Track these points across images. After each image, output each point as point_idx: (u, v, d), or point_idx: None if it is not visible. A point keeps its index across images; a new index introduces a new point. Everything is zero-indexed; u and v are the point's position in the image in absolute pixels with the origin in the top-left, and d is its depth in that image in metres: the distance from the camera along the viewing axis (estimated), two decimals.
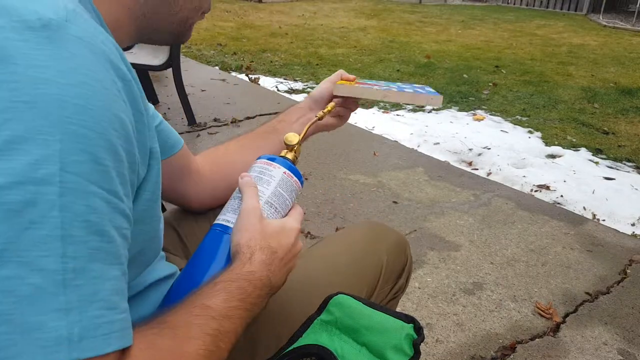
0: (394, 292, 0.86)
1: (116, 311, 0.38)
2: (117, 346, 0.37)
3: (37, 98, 0.34)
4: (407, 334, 0.62)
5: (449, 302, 1.61)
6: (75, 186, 0.35)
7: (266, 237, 0.58)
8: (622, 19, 8.60)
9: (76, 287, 0.35)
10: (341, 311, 0.65)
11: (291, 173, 0.67)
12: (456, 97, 4.04)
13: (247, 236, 0.58)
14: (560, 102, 3.98)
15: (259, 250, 0.57)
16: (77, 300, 0.35)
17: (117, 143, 0.39)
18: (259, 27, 6.92)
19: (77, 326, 0.34)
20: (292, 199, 0.67)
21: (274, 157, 0.67)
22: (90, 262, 0.36)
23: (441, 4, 10.40)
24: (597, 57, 5.67)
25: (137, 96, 0.44)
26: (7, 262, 0.32)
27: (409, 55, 5.47)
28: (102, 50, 0.39)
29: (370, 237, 0.87)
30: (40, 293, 0.33)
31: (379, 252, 0.84)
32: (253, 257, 0.56)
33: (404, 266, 0.88)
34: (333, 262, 0.80)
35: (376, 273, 0.81)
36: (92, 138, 0.36)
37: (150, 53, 3.01)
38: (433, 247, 1.91)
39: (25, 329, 0.33)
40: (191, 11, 0.56)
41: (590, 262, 1.86)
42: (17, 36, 0.35)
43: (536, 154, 3.00)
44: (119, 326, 0.37)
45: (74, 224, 0.35)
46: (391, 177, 2.50)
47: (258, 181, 0.64)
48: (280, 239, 0.60)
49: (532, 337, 1.48)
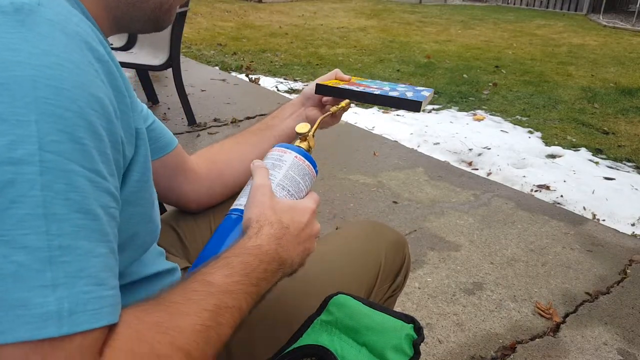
0: (392, 290, 0.87)
1: (105, 287, 0.38)
2: (107, 321, 0.37)
3: (10, 80, 0.35)
4: (407, 334, 0.62)
5: (449, 302, 1.61)
6: (55, 165, 0.35)
7: (277, 212, 0.57)
8: (622, 19, 8.60)
9: (63, 264, 0.35)
10: (341, 311, 0.65)
11: (303, 157, 0.66)
12: (456, 97, 4.04)
13: (257, 211, 0.57)
14: (560, 102, 3.98)
15: (268, 224, 0.55)
16: (64, 276, 0.35)
17: (97, 123, 0.39)
18: (259, 27, 6.92)
19: (66, 301, 0.35)
20: (307, 185, 0.67)
21: (286, 144, 0.68)
22: (76, 239, 0.36)
23: (441, 4, 10.40)
24: (597, 57, 5.67)
25: (117, 77, 0.44)
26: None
27: (409, 55, 5.47)
28: (77, 32, 0.40)
29: (369, 236, 0.87)
30: (24, 270, 0.33)
31: (377, 251, 0.84)
32: (261, 231, 0.54)
33: (402, 264, 0.88)
34: (331, 262, 0.80)
35: (374, 272, 0.82)
36: (69, 118, 0.37)
37: (150, 53, 3.01)
38: (433, 247, 1.91)
39: (9, 305, 0.33)
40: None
41: (590, 262, 1.86)
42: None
43: (536, 154, 3.00)
44: (108, 302, 0.38)
45: (56, 202, 0.35)
46: (391, 177, 2.50)
47: (270, 167, 0.64)
48: (292, 215, 0.58)
49: (532, 337, 1.48)
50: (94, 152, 0.38)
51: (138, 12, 0.53)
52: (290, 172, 0.65)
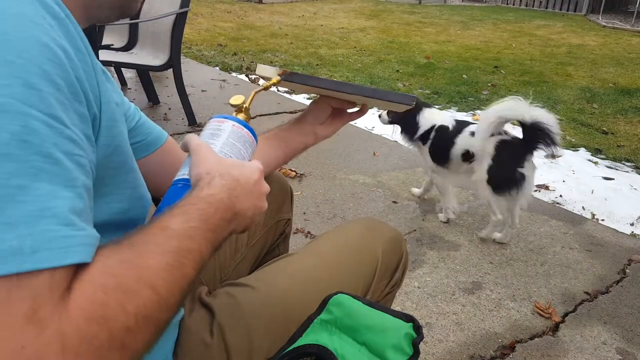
0: (391, 287, 0.87)
1: (74, 228, 0.38)
2: (75, 259, 0.38)
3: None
4: (407, 333, 0.63)
5: (449, 302, 1.61)
6: (8, 107, 0.36)
7: (225, 166, 0.57)
8: (621, 19, 8.61)
9: (22, 203, 0.35)
10: (341, 311, 0.65)
11: (241, 125, 0.66)
12: (455, 98, 4.05)
13: (205, 166, 0.57)
14: (560, 102, 3.99)
15: (219, 176, 0.55)
16: (24, 215, 0.35)
17: (52, 72, 0.40)
18: (259, 28, 6.93)
19: (29, 239, 0.35)
20: (249, 153, 0.66)
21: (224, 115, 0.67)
22: (35, 180, 0.37)
23: (441, 5, 10.41)
24: (596, 57, 5.67)
25: (75, 36, 0.45)
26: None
27: (408, 56, 5.47)
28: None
29: (366, 233, 0.87)
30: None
31: (374, 248, 0.84)
32: (213, 182, 0.54)
33: (399, 261, 0.88)
34: (329, 260, 0.81)
35: (372, 269, 0.82)
36: (21, 64, 0.38)
37: (150, 53, 3.02)
38: (432, 246, 1.92)
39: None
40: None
41: (589, 261, 1.86)
42: None
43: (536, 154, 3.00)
44: (77, 241, 0.38)
45: (12, 143, 0.36)
46: (391, 177, 2.50)
47: (209, 137, 0.64)
48: (241, 170, 0.58)
49: (531, 337, 1.48)
50: (51, 99, 0.39)
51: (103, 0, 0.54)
52: (230, 139, 0.64)
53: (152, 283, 0.42)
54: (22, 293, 0.34)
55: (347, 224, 0.92)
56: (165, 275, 0.43)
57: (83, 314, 0.37)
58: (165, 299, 0.42)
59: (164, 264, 0.44)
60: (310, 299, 0.69)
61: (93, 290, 0.38)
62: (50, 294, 0.35)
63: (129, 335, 0.39)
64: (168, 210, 0.50)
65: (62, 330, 0.35)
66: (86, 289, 0.38)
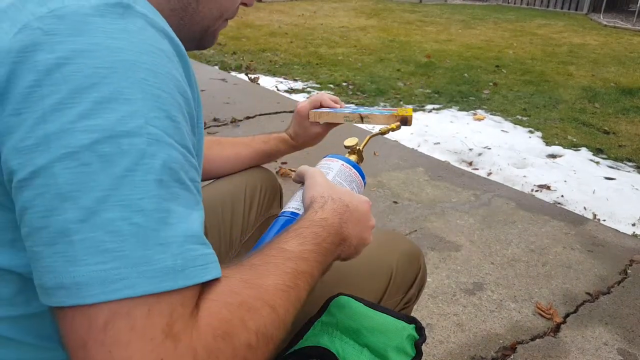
0: (405, 303, 0.84)
1: (207, 246, 0.42)
2: (212, 275, 0.41)
3: (116, 64, 0.39)
4: (409, 335, 0.62)
5: (449, 303, 1.61)
6: (158, 138, 0.39)
7: (337, 192, 0.62)
8: (623, 19, 8.60)
9: (172, 225, 0.39)
10: (342, 313, 0.65)
11: (350, 165, 0.70)
12: (456, 97, 4.04)
13: (319, 189, 0.61)
14: (561, 101, 3.98)
15: (331, 200, 0.59)
16: (174, 235, 0.39)
17: (183, 106, 0.44)
18: (259, 27, 6.92)
19: (179, 258, 0.38)
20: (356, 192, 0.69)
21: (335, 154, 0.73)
22: (177, 205, 0.40)
23: (441, 4, 10.40)
24: (598, 56, 5.66)
25: (190, 70, 0.48)
26: (111, 206, 0.37)
27: (409, 55, 5.46)
28: (162, 27, 0.44)
29: (381, 244, 0.85)
30: (143, 231, 0.37)
31: (388, 260, 0.82)
32: (325, 206, 0.59)
33: (415, 277, 0.85)
34: (337, 267, 0.80)
35: (384, 282, 0.80)
36: (165, 98, 0.41)
37: None
38: (433, 247, 1.91)
39: (134, 263, 0.37)
40: (212, 20, 0.60)
41: (591, 262, 1.86)
42: (95, 12, 0.40)
43: (537, 154, 3.00)
44: (212, 259, 0.42)
45: (163, 171, 0.39)
46: (391, 177, 2.49)
47: None
48: (352, 199, 0.62)
49: (532, 338, 1.47)
50: (184, 130, 0.43)
51: (187, 33, 0.58)
52: (337, 178, 0.68)
53: (272, 302, 0.44)
54: (161, 308, 0.37)
55: None
56: (283, 295, 0.46)
57: (210, 330, 0.39)
58: (283, 318, 0.45)
59: (282, 284, 0.46)
60: (313, 303, 0.68)
61: (218, 307, 0.41)
62: (183, 310, 0.38)
63: (250, 352, 0.41)
64: (284, 232, 0.54)
65: (193, 345, 0.37)
66: (212, 306, 0.40)
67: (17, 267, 0.42)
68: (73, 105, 0.37)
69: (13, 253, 0.42)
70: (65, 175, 0.36)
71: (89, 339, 0.35)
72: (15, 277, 0.43)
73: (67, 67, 0.37)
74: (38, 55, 0.37)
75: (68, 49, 0.38)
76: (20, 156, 0.37)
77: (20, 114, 0.37)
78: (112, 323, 0.35)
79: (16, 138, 0.37)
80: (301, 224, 0.55)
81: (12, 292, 0.44)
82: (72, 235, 0.36)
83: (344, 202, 0.60)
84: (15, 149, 0.37)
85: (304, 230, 0.54)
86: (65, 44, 0.38)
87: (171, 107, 0.41)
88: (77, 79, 0.37)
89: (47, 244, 0.37)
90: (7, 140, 0.38)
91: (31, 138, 0.37)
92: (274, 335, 0.44)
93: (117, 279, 0.36)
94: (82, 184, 0.37)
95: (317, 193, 0.61)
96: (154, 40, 0.42)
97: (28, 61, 0.37)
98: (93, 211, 0.36)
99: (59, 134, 0.37)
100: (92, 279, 0.36)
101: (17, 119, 0.37)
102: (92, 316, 0.36)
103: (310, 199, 0.60)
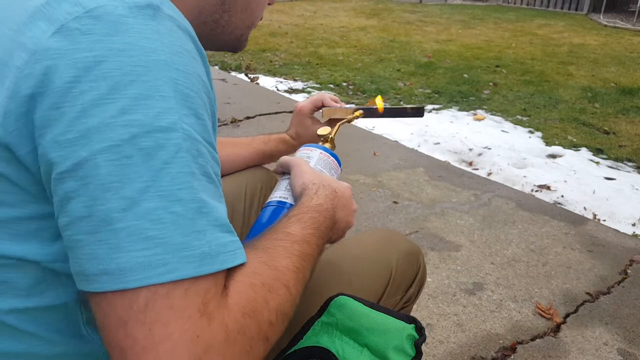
0: (404, 302, 0.84)
1: (234, 234, 0.44)
2: (241, 260, 0.44)
3: (150, 64, 0.41)
4: (409, 335, 0.62)
5: (450, 303, 1.61)
6: (190, 134, 0.42)
7: (325, 179, 0.65)
8: (623, 19, 8.60)
9: (205, 214, 0.41)
10: (342, 312, 0.65)
11: (327, 153, 0.74)
12: (457, 97, 4.04)
13: (309, 177, 0.64)
14: (561, 101, 3.98)
15: (322, 187, 0.63)
16: (207, 224, 0.41)
17: (207, 104, 0.46)
18: (259, 27, 6.91)
19: (213, 244, 0.41)
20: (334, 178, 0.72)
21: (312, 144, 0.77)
22: (207, 196, 0.42)
23: (441, 4, 10.39)
24: (598, 56, 5.66)
25: (209, 71, 0.50)
26: (152, 196, 0.39)
27: (409, 55, 5.46)
28: (187, 29, 0.46)
29: (380, 244, 0.85)
30: (182, 219, 0.40)
31: (388, 260, 0.82)
32: (319, 192, 0.62)
33: (415, 276, 0.85)
34: (337, 266, 0.79)
35: (384, 281, 0.80)
36: (193, 97, 0.43)
37: None
38: (433, 247, 1.91)
39: (174, 249, 0.39)
40: (245, 29, 0.64)
41: (591, 262, 1.86)
42: (128, 13, 0.41)
43: (537, 154, 3.00)
44: (239, 245, 0.45)
45: (194, 163, 0.42)
46: (391, 177, 2.49)
47: None
48: (338, 185, 0.66)
49: (532, 338, 1.47)
50: (209, 128, 0.45)
51: (218, 41, 0.62)
52: (318, 165, 0.71)
53: (286, 283, 0.48)
54: (197, 290, 0.40)
55: (362, 234, 0.91)
56: (294, 276, 0.49)
57: (239, 308, 0.42)
58: (295, 297, 0.49)
59: (292, 266, 0.50)
60: (312, 304, 0.68)
61: (245, 288, 0.44)
62: (215, 291, 0.41)
63: (271, 329, 0.45)
64: (285, 218, 0.57)
65: (225, 322, 0.40)
66: (239, 286, 0.43)
67: (39, 257, 0.44)
68: (112, 100, 0.39)
69: (37, 243, 0.43)
70: (107, 167, 0.38)
71: (130, 319, 0.38)
72: (35, 268, 0.44)
73: (105, 65, 0.39)
74: (77, 53, 0.39)
75: (106, 48, 0.39)
76: (61, 149, 0.38)
77: (59, 108, 0.39)
78: (152, 303, 0.38)
79: (56, 131, 0.39)
80: (299, 209, 0.58)
81: (29, 283, 0.45)
82: (115, 224, 0.38)
83: (332, 188, 0.64)
84: (55, 142, 0.39)
85: (304, 215, 0.57)
86: (103, 43, 0.40)
87: (198, 106, 0.43)
88: (116, 76, 0.39)
89: (90, 232, 0.38)
90: (47, 133, 0.39)
91: (72, 132, 0.38)
92: (289, 313, 0.48)
93: (159, 264, 0.38)
94: (124, 176, 0.38)
95: (307, 180, 0.64)
96: (181, 41, 0.44)
97: (67, 59, 0.39)
98: (135, 201, 0.38)
99: (100, 127, 0.38)
100: (137, 265, 0.38)
101: (57, 113, 0.39)
102: (133, 298, 0.38)
103: (301, 186, 0.63)
